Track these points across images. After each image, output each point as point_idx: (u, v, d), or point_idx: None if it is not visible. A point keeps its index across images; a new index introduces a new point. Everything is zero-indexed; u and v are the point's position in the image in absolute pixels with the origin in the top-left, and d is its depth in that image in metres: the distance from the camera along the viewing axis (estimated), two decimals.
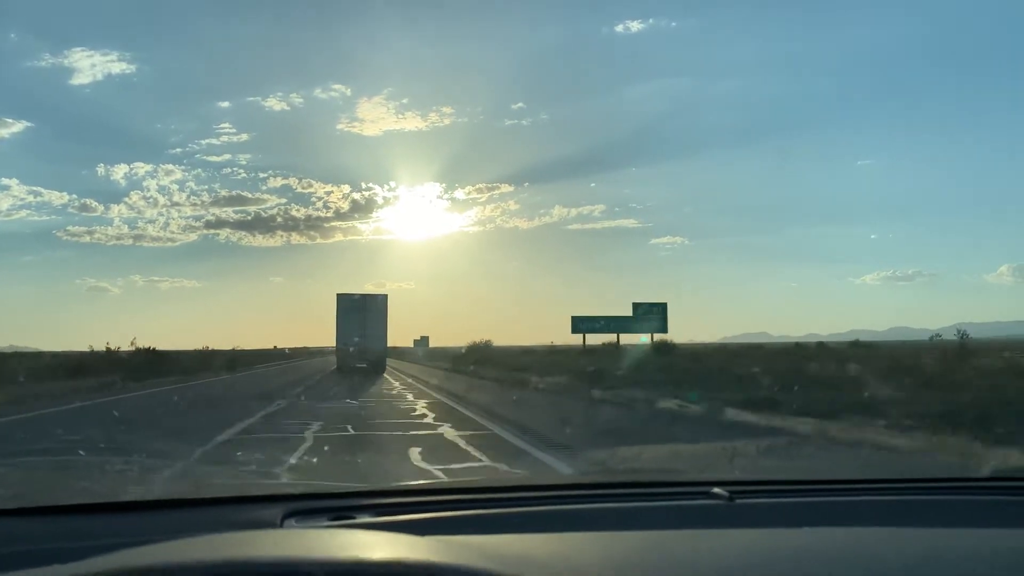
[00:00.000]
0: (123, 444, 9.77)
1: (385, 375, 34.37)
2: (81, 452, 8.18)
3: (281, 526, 1.84)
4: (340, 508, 1.98)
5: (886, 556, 1.53)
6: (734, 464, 7.49)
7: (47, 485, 2.84)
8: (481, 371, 35.95)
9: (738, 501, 2.02)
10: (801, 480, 2.49)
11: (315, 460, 8.73)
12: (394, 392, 22.97)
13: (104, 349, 33.02)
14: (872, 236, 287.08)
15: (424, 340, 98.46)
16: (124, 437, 10.93)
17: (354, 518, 1.91)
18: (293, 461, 8.35)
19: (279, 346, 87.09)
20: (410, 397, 20.42)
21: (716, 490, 2.06)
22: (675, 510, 2.04)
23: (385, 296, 42.93)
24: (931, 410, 11.47)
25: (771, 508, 2.07)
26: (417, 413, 15.47)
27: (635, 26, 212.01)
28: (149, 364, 31.38)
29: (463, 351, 48.42)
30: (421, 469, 8.21)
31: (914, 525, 1.88)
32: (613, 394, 18.37)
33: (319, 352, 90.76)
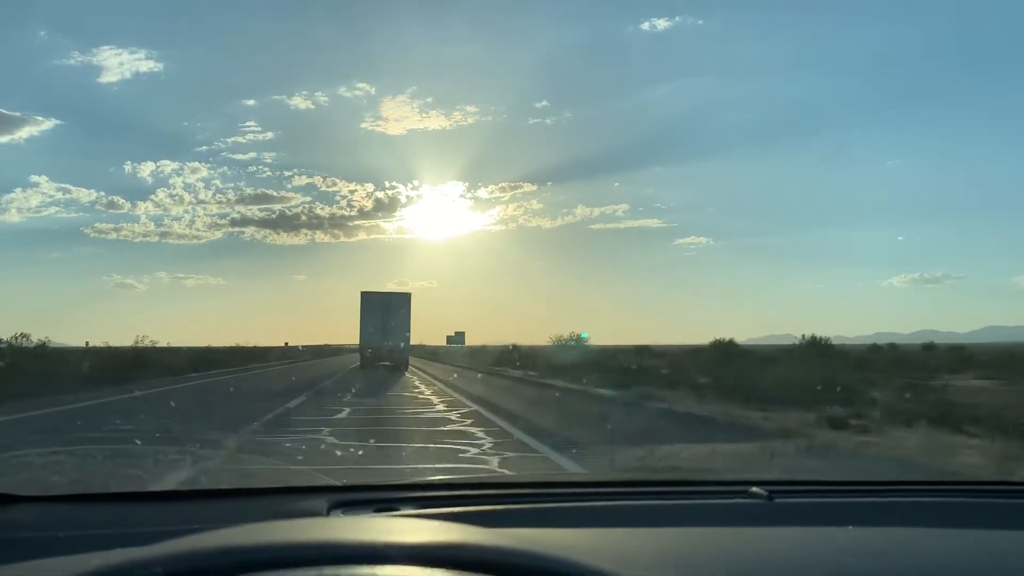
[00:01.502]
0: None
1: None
2: (137, 441, 8.39)
3: (327, 516, 1.89)
4: (384, 500, 2.02)
5: (926, 557, 1.53)
6: (772, 464, 7.44)
7: (102, 473, 2.94)
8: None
9: (777, 500, 2.02)
10: (840, 481, 2.49)
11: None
12: None
13: None
14: (900, 238, 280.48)
15: (459, 336, 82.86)
16: None
17: (398, 510, 1.96)
18: None
19: (290, 343, 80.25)
20: None
21: (755, 489, 2.06)
22: (714, 508, 2.05)
23: (409, 294, 43.09)
24: None
25: (810, 508, 2.07)
26: None
27: (661, 24, 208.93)
28: None
29: (563, 348, 35.47)
30: None
31: (955, 527, 1.87)
32: None
33: (338, 350, 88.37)
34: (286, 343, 78.10)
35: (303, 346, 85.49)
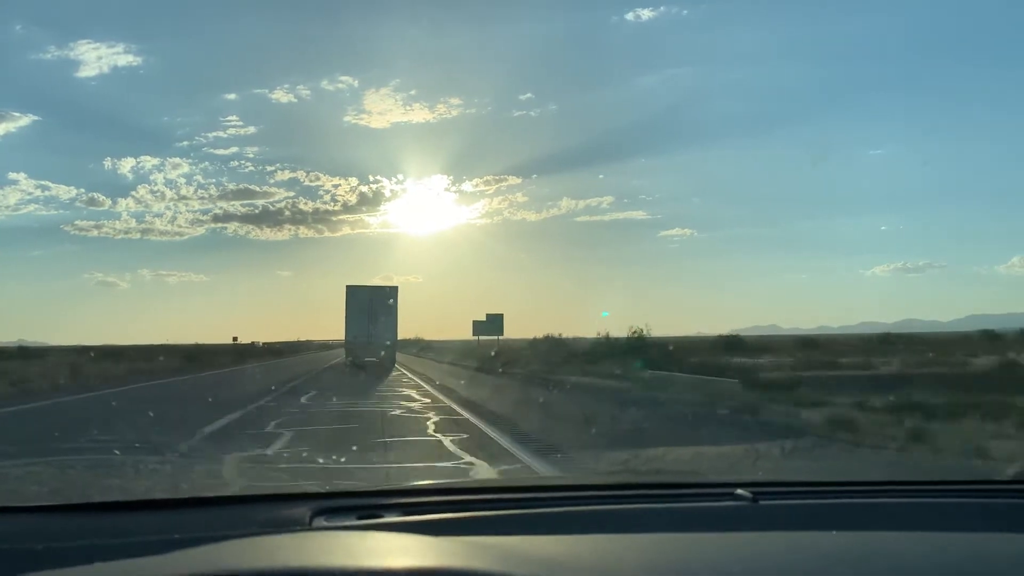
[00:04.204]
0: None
1: None
2: (116, 452, 8.27)
3: (310, 524, 1.87)
4: (367, 507, 2.01)
5: (914, 561, 1.52)
6: (757, 466, 7.43)
7: (82, 482, 2.90)
8: None
9: (762, 502, 2.01)
10: (826, 482, 2.48)
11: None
12: None
13: None
14: (883, 227, 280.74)
15: (495, 321, 50.82)
16: None
17: (381, 516, 1.94)
18: None
19: (239, 339, 62.15)
20: None
21: (740, 491, 2.05)
22: (699, 511, 2.04)
23: (395, 288, 41.24)
24: None
25: (796, 510, 2.07)
26: None
27: (646, 14, 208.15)
28: None
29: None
30: None
31: (943, 529, 1.86)
32: None
33: (300, 346, 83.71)
34: (234, 338, 62.46)
35: (263, 343, 75.41)
